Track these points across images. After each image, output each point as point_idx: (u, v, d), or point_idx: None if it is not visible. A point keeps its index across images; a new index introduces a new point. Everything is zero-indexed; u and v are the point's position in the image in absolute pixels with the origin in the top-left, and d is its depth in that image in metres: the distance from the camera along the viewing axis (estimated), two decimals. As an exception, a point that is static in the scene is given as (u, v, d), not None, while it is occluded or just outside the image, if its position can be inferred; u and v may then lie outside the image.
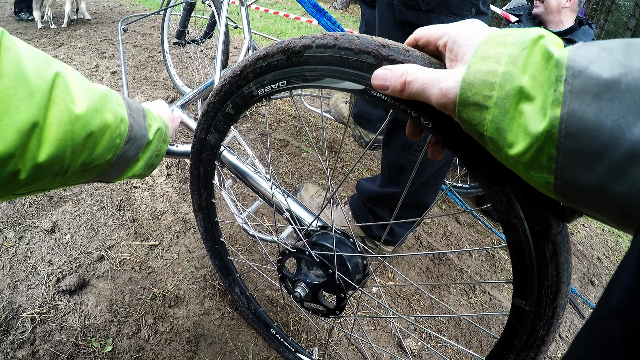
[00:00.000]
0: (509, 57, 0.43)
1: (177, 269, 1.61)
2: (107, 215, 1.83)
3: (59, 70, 0.61)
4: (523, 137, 0.42)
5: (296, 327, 1.50)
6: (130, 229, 1.77)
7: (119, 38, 2.21)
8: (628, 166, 0.36)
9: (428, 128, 0.58)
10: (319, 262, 0.93)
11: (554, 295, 0.59)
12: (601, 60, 0.38)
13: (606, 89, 0.37)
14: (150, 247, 1.69)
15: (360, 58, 0.61)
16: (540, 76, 0.41)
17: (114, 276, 1.54)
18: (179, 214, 1.91)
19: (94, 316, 1.38)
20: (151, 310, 1.43)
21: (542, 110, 0.40)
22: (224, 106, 0.90)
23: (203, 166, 1.09)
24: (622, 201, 0.37)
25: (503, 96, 0.43)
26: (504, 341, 0.69)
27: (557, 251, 0.56)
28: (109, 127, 0.71)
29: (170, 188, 2.09)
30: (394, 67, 0.54)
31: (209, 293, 1.53)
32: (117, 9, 6.94)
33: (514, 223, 0.57)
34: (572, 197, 0.42)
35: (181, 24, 2.83)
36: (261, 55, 0.75)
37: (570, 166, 0.40)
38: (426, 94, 0.50)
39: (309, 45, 0.67)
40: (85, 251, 1.62)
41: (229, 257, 1.33)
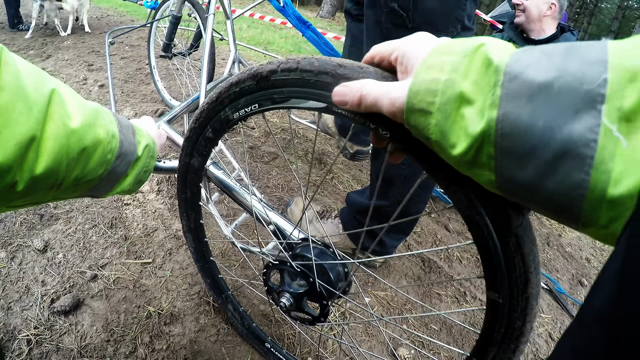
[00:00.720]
0: (452, 65, 0.46)
1: (171, 287, 1.62)
2: (99, 234, 1.84)
3: (55, 86, 0.64)
4: (464, 138, 0.45)
5: (291, 340, 1.51)
6: (123, 247, 1.78)
7: (106, 51, 2.22)
8: (557, 164, 0.38)
9: (386, 137, 0.62)
10: (300, 271, 0.97)
11: (524, 286, 0.62)
12: (538, 65, 0.40)
13: (539, 92, 0.39)
14: (144, 265, 1.70)
15: (320, 78, 0.66)
16: (480, 81, 0.43)
17: (109, 295, 1.55)
18: (171, 230, 1.92)
19: (90, 336, 1.39)
20: (147, 329, 1.44)
21: (480, 113, 0.43)
22: (204, 131, 0.95)
23: (189, 189, 1.13)
24: (554, 197, 0.40)
25: (445, 102, 0.45)
26: (485, 335, 0.71)
27: (521, 243, 0.58)
28: (102, 143, 0.73)
29: (161, 204, 2.10)
30: (351, 83, 0.58)
31: (204, 310, 1.55)
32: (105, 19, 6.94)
33: (476, 220, 0.60)
34: (512, 193, 0.45)
35: (167, 37, 2.84)
36: (234, 82, 0.80)
37: (507, 164, 0.42)
38: (378, 105, 0.54)
39: (275, 70, 0.72)
40: (78, 270, 1.62)
41: (220, 275, 1.35)
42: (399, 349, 1.57)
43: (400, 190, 1.59)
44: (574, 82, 0.38)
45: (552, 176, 0.39)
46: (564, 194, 0.39)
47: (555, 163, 0.38)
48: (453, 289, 1.99)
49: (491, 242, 0.60)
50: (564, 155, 0.38)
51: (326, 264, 0.95)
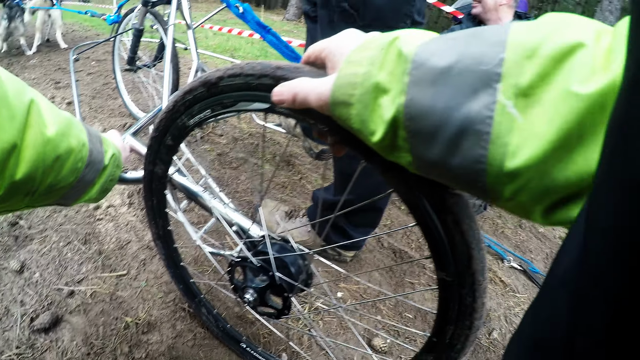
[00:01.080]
0: (369, 59, 0.49)
1: (146, 296, 1.64)
2: (73, 250, 1.85)
3: (33, 96, 0.67)
4: (381, 125, 0.47)
5: (267, 339, 1.54)
6: (98, 262, 1.79)
7: (71, 68, 2.21)
8: (459, 141, 0.40)
9: (325, 131, 0.66)
10: (260, 266, 1.01)
11: (468, 262, 0.64)
12: (443, 51, 0.42)
13: (441, 76, 0.41)
14: (119, 277, 1.72)
15: (262, 81, 0.69)
16: (394, 71, 0.46)
17: (86, 310, 1.56)
18: (144, 241, 1.94)
19: (71, 351, 1.40)
20: (126, 339, 1.46)
21: (392, 100, 0.46)
22: (164, 139, 0.97)
23: (155, 196, 1.15)
24: (461, 172, 0.42)
25: (363, 92, 0.48)
26: (441, 315, 0.73)
27: (458, 220, 0.61)
28: (74, 151, 0.77)
29: (133, 217, 2.12)
30: (287, 82, 0.61)
31: (180, 316, 1.57)
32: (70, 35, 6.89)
33: (414, 201, 0.63)
34: (427, 172, 0.48)
35: (131, 50, 2.84)
36: (187, 90, 0.83)
37: (417, 145, 0.45)
38: (308, 101, 0.57)
39: (222, 76, 0.75)
40: (55, 288, 1.63)
41: (191, 280, 1.37)
42: (374, 340, 1.61)
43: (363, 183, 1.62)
44: (472, 64, 0.40)
45: (455, 153, 0.41)
46: (468, 169, 0.41)
47: (456, 140, 0.41)
48: (426, 277, 2.03)
49: (431, 222, 0.63)
50: (463, 133, 0.40)
51: (283, 256, 0.99)
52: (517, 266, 2.28)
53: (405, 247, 2.21)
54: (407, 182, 0.61)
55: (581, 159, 0.34)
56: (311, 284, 1.06)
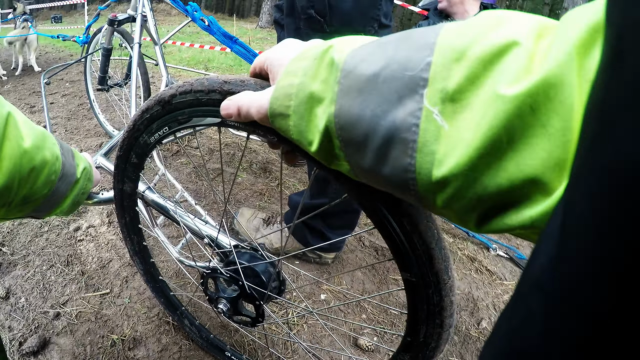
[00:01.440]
0: (304, 69, 0.48)
1: (131, 313, 1.65)
2: (57, 273, 1.85)
3: (10, 109, 0.68)
4: (317, 135, 0.47)
5: (251, 346, 1.56)
6: (81, 282, 1.80)
7: (42, 92, 2.21)
8: (387, 149, 0.40)
9: (275, 142, 0.67)
10: (230, 276, 1.03)
11: (430, 262, 0.64)
12: (371, 57, 0.41)
13: (368, 83, 0.40)
14: (103, 296, 1.73)
15: (211, 96, 0.70)
16: (327, 80, 0.45)
17: (73, 330, 1.57)
18: (125, 259, 1.95)
19: (60, 372, 1.42)
20: (113, 356, 1.47)
21: (325, 109, 0.45)
22: (129, 157, 0.98)
23: (127, 214, 1.17)
24: (393, 181, 0.41)
25: (298, 103, 0.48)
26: (412, 315, 0.74)
27: (414, 222, 0.62)
28: (48, 164, 0.77)
29: (113, 236, 2.12)
30: (233, 96, 0.61)
31: (164, 330, 1.58)
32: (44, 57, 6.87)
33: (370, 206, 0.63)
34: (365, 179, 0.48)
35: (101, 70, 2.83)
36: (144, 109, 0.85)
37: (351, 153, 0.45)
38: (250, 114, 0.57)
39: (174, 94, 0.76)
40: (41, 311, 1.64)
41: (172, 293, 1.39)
42: (359, 340, 1.62)
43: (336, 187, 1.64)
44: (399, 70, 0.38)
45: (385, 162, 0.41)
46: (398, 178, 0.40)
47: (384, 149, 0.40)
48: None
49: (389, 224, 0.63)
50: (390, 141, 0.39)
51: (251, 265, 1.00)
52: (503, 254, 2.29)
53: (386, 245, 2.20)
54: (359, 187, 0.62)
55: (512, 165, 0.33)
56: (284, 290, 1.07)
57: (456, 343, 1.66)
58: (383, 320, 1.74)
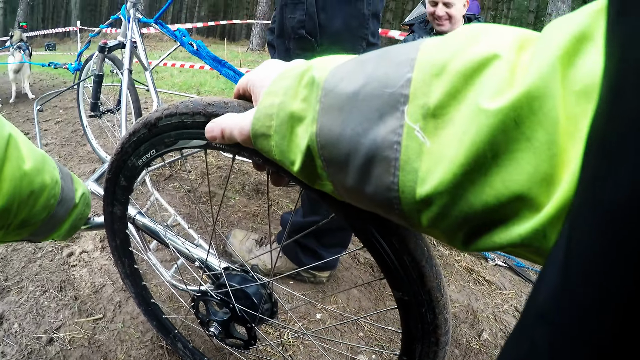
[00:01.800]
0: (284, 89, 0.47)
1: (124, 337, 1.64)
2: (50, 298, 1.84)
3: (11, 130, 0.67)
4: (299, 154, 0.46)
5: (247, 369, 1.55)
6: (74, 307, 1.79)
7: (35, 120, 2.23)
8: (369, 168, 0.39)
9: (260, 164, 0.66)
10: (220, 299, 1.02)
11: (421, 280, 0.63)
12: (351, 76, 0.41)
13: (348, 102, 0.40)
14: (96, 321, 1.71)
15: (196, 119, 0.70)
16: (308, 99, 0.44)
17: (66, 356, 1.55)
18: (118, 284, 1.93)
19: (53, 400, 1.41)
20: (107, 383, 1.47)
21: (307, 129, 0.44)
22: (118, 180, 0.98)
23: (117, 237, 1.16)
24: (377, 201, 0.40)
25: (280, 123, 0.47)
26: (406, 333, 0.73)
27: (403, 240, 0.61)
28: (47, 187, 0.77)
29: (106, 260, 2.11)
30: (216, 119, 0.61)
31: (158, 354, 1.57)
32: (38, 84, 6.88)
33: (358, 225, 0.63)
34: (349, 199, 0.47)
35: (93, 97, 2.83)
36: (132, 132, 0.84)
37: (333, 173, 0.44)
38: (234, 136, 0.56)
39: (160, 117, 0.76)
40: (34, 337, 1.63)
41: (164, 316, 1.38)
42: (358, 357, 1.61)
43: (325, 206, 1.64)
44: (378, 87, 0.38)
45: (368, 181, 0.40)
46: (381, 197, 0.39)
47: (366, 168, 0.39)
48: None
49: (377, 243, 0.63)
50: (372, 160, 0.38)
51: (241, 287, 0.99)
52: (501, 263, 2.29)
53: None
54: (346, 207, 0.61)
55: (498, 181, 0.32)
56: (276, 311, 1.06)
57: (457, 357, 1.65)
58: (381, 337, 1.73)
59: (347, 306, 1.87)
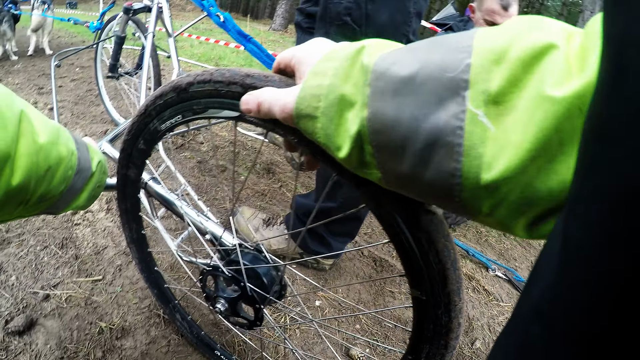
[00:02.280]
0: (334, 70, 0.46)
1: (121, 302, 1.63)
2: (50, 254, 1.83)
3: (23, 106, 0.66)
4: (347, 140, 0.45)
5: (242, 347, 1.53)
6: (74, 266, 1.78)
7: (52, 75, 2.20)
8: (429, 154, 0.38)
9: (295, 142, 0.64)
10: (231, 276, 0.99)
11: (443, 282, 0.62)
12: (403, 60, 0.40)
13: (403, 86, 0.39)
14: (94, 282, 1.71)
15: (231, 89, 0.68)
16: (358, 83, 0.44)
17: (61, 314, 1.55)
18: (121, 247, 1.93)
19: (44, 355, 1.39)
20: (99, 344, 1.45)
21: (357, 113, 0.43)
22: (137, 143, 0.96)
23: (128, 200, 1.14)
24: (434, 188, 0.40)
25: (328, 105, 0.46)
26: (416, 333, 0.71)
27: (433, 239, 0.59)
28: (64, 160, 0.76)
29: (110, 223, 2.10)
30: (254, 91, 0.59)
31: (154, 322, 1.56)
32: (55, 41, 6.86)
33: (387, 218, 0.61)
34: (400, 188, 0.45)
35: (113, 58, 2.81)
36: (158, 95, 0.82)
37: (385, 160, 0.43)
38: (272, 111, 0.55)
39: (192, 82, 0.74)
40: (31, 291, 1.62)
41: (165, 285, 1.36)
42: (351, 350, 1.60)
43: (346, 192, 1.62)
44: (436, 72, 0.37)
45: (427, 167, 0.39)
46: (442, 184, 0.38)
47: (426, 153, 0.38)
48: (406, 285, 2.01)
49: (405, 239, 0.61)
50: (434, 145, 0.37)
51: (255, 267, 0.97)
52: (501, 275, 2.27)
53: (386, 256, 2.21)
54: (379, 199, 0.60)
55: (564, 168, 0.32)
56: (285, 295, 1.04)
57: (449, 362, 1.64)
58: (377, 332, 1.71)
59: (347, 297, 1.86)
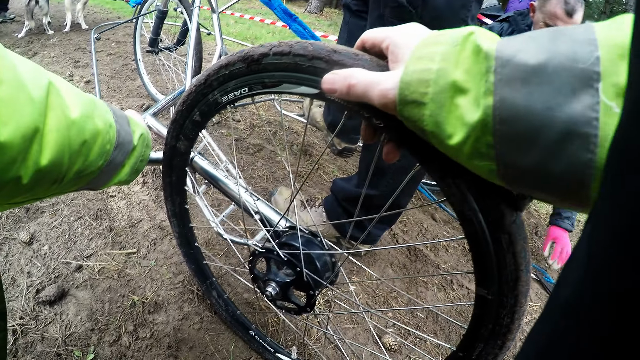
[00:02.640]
0: (442, 55, 0.45)
1: (155, 276, 1.62)
2: (84, 225, 1.83)
3: (51, 78, 0.62)
4: (460, 128, 0.44)
5: (275, 327, 1.52)
6: (108, 238, 1.78)
7: (92, 47, 2.20)
8: (562, 145, 0.37)
9: (380, 127, 0.60)
10: (287, 261, 0.96)
11: (514, 283, 0.61)
12: (528, 49, 0.40)
13: (534, 74, 0.38)
14: (128, 255, 1.70)
15: (314, 64, 0.64)
16: (472, 69, 0.43)
17: (93, 285, 1.55)
18: (156, 221, 1.92)
19: (75, 325, 1.39)
20: (131, 318, 1.44)
21: (475, 101, 0.42)
22: (192, 114, 0.92)
23: (175, 173, 1.11)
24: (562, 179, 0.39)
25: (438, 91, 0.44)
26: (472, 331, 0.71)
27: (513, 240, 0.58)
28: (100, 133, 0.72)
29: (146, 196, 2.10)
30: (340, 71, 0.56)
31: (188, 298, 1.55)
32: (91, 16, 6.88)
33: (469, 215, 0.59)
34: (515, 181, 0.44)
35: (154, 32, 2.81)
36: (223, 64, 0.77)
37: (509, 151, 0.42)
38: (368, 96, 0.52)
39: (267, 53, 0.70)
40: (63, 261, 1.62)
41: (204, 262, 1.34)
42: (384, 337, 1.57)
43: (391, 181, 1.58)
44: (567, 62, 0.37)
45: (558, 158, 0.38)
46: (572, 175, 0.38)
47: (560, 144, 0.38)
48: (439, 277, 1.99)
49: (483, 238, 0.59)
50: (568, 136, 0.37)
51: (315, 253, 0.94)
52: (532, 275, 2.22)
53: (420, 246, 2.17)
54: (464, 194, 0.58)
55: None
56: (335, 281, 1.01)
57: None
58: (408, 321, 1.69)
59: (381, 284, 1.83)
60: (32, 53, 4.22)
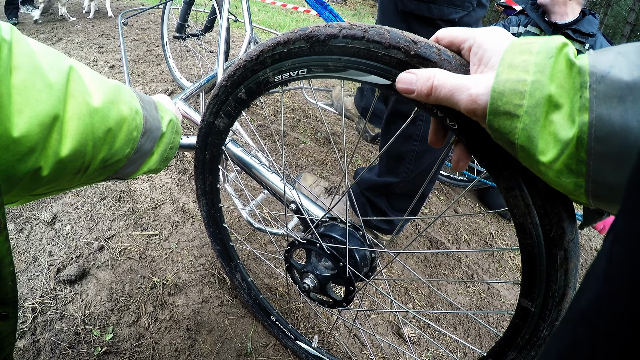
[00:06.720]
0: (537, 66, 0.43)
1: (176, 258, 1.62)
2: (106, 206, 1.83)
3: (72, 64, 0.61)
4: (554, 144, 0.43)
5: (295, 314, 1.51)
6: (130, 220, 1.78)
7: (119, 31, 2.20)
8: None
9: (453, 129, 0.57)
10: (330, 254, 0.93)
11: (560, 299, 0.60)
12: (620, 65, 0.39)
13: (629, 91, 0.38)
14: (150, 237, 1.70)
15: (390, 53, 0.60)
16: (565, 84, 0.42)
17: (114, 266, 1.55)
18: (178, 204, 1.92)
19: (94, 305, 1.39)
20: (151, 299, 1.44)
21: (570, 117, 0.41)
22: (237, 90, 0.88)
23: (209, 150, 1.07)
24: None
25: (534, 105, 0.43)
26: (507, 339, 0.70)
27: (568, 257, 0.57)
28: (126, 120, 0.71)
29: (169, 179, 2.10)
30: (420, 71, 0.54)
31: (208, 281, 1.54)
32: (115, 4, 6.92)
33: (529, 228, 0.57)
34: (604, 197, 0.43)
35: (181, 18, 2.82)
36: (281, 41, 0.73)
37: (602, 168, 0.41)
38: (454, 100, 0.50)
39: (335, 34, 0.65)
40: (85, 242, 1.62)
41: (231, 244, 1.32)
42: (404, 328, 1.56)
43: (410, 167, 1.56)
44: None
45: None
46: None
47: None
48: (460, 270, 1.98)
49: (538, 252, 0.59)
50: None
51: (358, 249, 0.92)
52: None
53: (442, 238, 2.15)
54: (528, 207, 0.56)
55: None
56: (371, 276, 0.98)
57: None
58: (428, 315, 1.68)
59: (402, 274, 1.81)
60: (57, 39, 4.25)
